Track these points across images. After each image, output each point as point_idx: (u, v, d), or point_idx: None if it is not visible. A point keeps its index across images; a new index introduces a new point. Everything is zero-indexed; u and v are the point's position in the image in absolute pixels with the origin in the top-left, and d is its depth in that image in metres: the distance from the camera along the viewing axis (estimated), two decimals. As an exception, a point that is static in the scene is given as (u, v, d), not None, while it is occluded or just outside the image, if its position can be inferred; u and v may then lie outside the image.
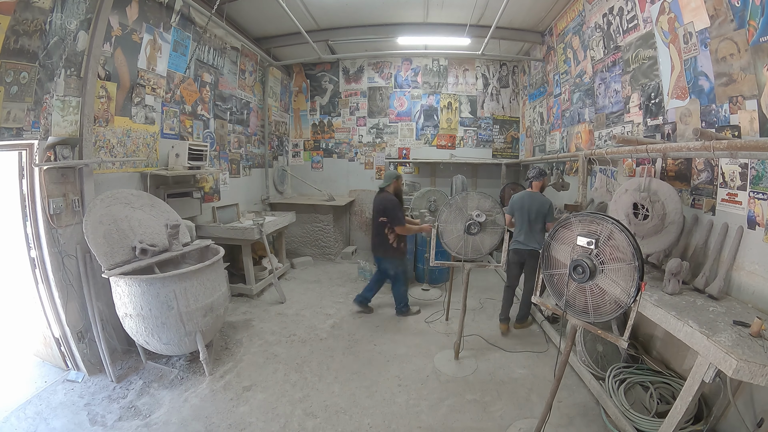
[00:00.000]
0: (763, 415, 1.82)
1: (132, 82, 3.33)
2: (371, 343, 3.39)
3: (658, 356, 2.65)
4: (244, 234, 4.22)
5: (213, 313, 2.89)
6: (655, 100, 2.96)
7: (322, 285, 4.98)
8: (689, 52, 2.54)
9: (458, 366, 3.00)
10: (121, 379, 2.77)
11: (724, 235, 2.23)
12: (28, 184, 2.58)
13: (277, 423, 2.36)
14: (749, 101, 2.07)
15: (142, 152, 3.50)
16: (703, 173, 2.45)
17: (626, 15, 3.28)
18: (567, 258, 1.78)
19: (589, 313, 1.72)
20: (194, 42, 4.10)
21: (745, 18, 2.06)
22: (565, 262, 1.79)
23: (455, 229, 2.91)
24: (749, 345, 1.51)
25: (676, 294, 2.09)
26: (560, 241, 1.84)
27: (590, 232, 1.69)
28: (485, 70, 6.63)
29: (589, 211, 2.84)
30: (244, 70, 5.38)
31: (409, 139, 6.81)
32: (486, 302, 4.38)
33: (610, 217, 1.66)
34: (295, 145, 7.18)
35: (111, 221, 2.82)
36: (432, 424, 2.37)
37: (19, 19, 2.30)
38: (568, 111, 4.63)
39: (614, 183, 3.50)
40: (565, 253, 1.81)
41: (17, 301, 2.90)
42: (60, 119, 2.68)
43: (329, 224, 6.10)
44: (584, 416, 2.41)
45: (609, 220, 1.64)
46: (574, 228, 1.77)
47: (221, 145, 4.89)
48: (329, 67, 6.80)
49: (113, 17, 3.02)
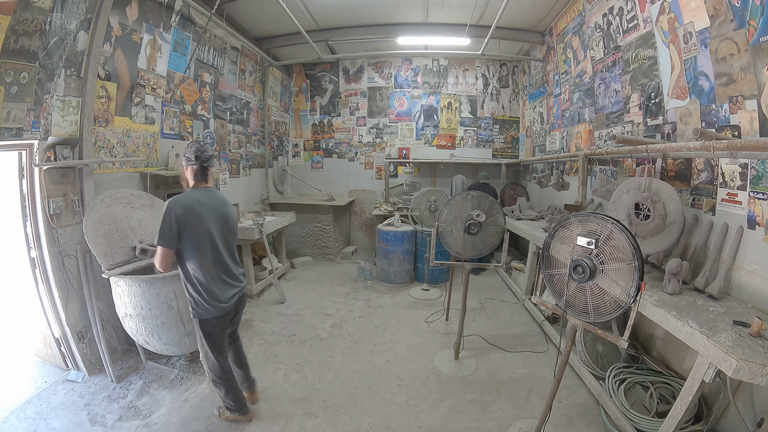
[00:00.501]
0: (763, 415, 1.82)
1: (132, 82, 3.33)
2: (371, 343, 3.39)
3: (658, 356, 2.65)
4: (244, 234, 4.22)
5: (213, 313, 2.89)
6: (655, 100, 2.96)
7: (322, 285, 4.98)
8: (689, 52, 2.54)
9: (458, 366, 3.00)
10: (121, 379, 2.77)
11: (724, 235, 2.23)
12: (28, 184, 2.58)
13: (277, 423, 2.36)
14: (749, 101, 2.07)
15: (142, 152, 3.50)
16: (703, 173, 2.45)
17: (626, 15, 3.28)
18: (567, 258, 1.78)
19: (589, 313, 1.72)
20: (194, 42, 4.10)
21: (745, 18, 2.06)
22: (565, 262, 1.79)
23: (455, 229, 2.91)
24: (749, 345, 1.51)
25: (676, 294, 2.09)
26: (560, 241, 1.84)
27: (590, 232, 1.69)
28: (485, 70, 6.63)
29: (589, 211, 2.85)
30: (244, 70, 5.38)
31: (409, 139, 6.81)
32: (486, 302, 4.38)
33: (610, 217, 1.66)
34: (295, 145, 7.18)
35: (111, 221, 2.83)
36: (432, 424, 2.37)
37: (19, 19, 2.30)
38: (568, 111, 4.63)
39: (614, 183, 3.50)
40: (565, 253, 1.81)
41: (17, 301, 2.90)
42: (60, 119, 2.68)
43: (329, 224, 6.11)
44: (584, 416, 2.41)
45: (609, 220, 1.64)
46: (574, 228, 1.77)
47: (221, 145, 4.89)
48: (329, 67, 6.80)
49: (113, 17, 3.02)
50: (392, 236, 4.86)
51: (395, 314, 4.04)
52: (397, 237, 4.86)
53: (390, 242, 4.86)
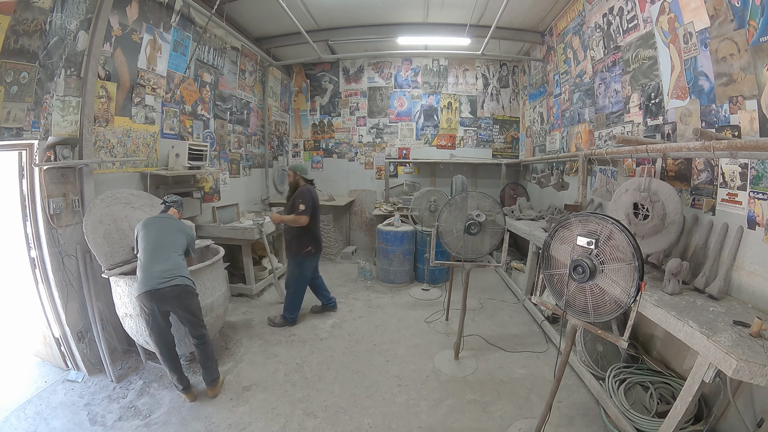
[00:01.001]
0: (763, 415, 1.82)
1: (132, 82, 3.33)
2: (371, 343, 3.39)
3: (658, 356, 2.65)
4: (244, 234, 4.22)
5: (213, 313, 2.89)
6: (655, 100, 2.96)
7: (322, 285, 4.98)
8: (689, 52, 2.54)
9: (458, 366, 3.00)
10: (121, 379, 2.77)
11: (724, 235, 2.23)
12: (28, 184, 2.58)
13: (277, 423, 2.36)
14: (749, 101, 2.07)
15: (142, 152, 3.50)
16: (703, 173, 2.45)
17: (626, 15, 3.28)
18: (567, 258, 1.78)
19: (589, 313, 1.72)
20: (194, 42, 4.10)
21: (745, 18, 2.06)
22: (565, 262, 1.79)
23: (455, 229, 2.91)
24: (749, 345, 1.51)
25: (676, 294, 2.09)
26: (560, 241, 1.84)
27: (590, 232, 1.69)
28: (485, 70, 6.63)
29: (589, 211, 2.85)
30: (244, 70, 5.38)
31: (409, 139, 6.81)
32: (486, 302, 4.38)
33: (610, 217, 1.66)
34: (295, 145, 7.18)
35: (111, 221, 2.83)
36: (432, 424, 2.37)
37: (19, 19, 2.30)
38: (568, 111, 4.63)
39: (614, 183, 3.50)
40: (565, 253, 1.81)
41: (17, 301, 2.90)
42: (60, 119, 2.68)
43: (329, 224, 6.11)
44: (584, 416, 2.41)
45: (609, 220, 1.64)
46: (574, 228, 1.77)
47: (221, 145, 4.89)
48: (329, 67, 6.80)
49: (113, 17, 3.02)
50: (392, 236, 4.87)
51: (395, 314, 4.04)
52: (397, 237, 4.86)
53: (390, 242, 4.86)
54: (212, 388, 2.60)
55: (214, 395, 2.60)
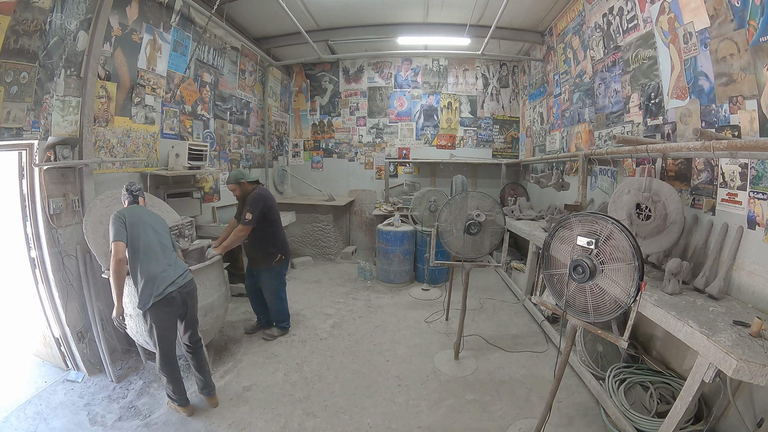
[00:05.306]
0: (763, 415, 1.82)
1: (132, 82, 3.33)
2: (371, 343, 3.39)
3: (658, 356, 2.65)
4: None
5: (213, 313, 2.89)
6: (655, 100, 2.96)
7: (322, 285, 4.98)
8: (689, 52, 2.54)
9: (458, 366, 3.00)
10: (121, 379, 2.77)
11: (724, 235, 2.23)
12: (28, 184, 2.58)
13: (277, 423, 2.36)
14: (749, 101, 2.07)
15: (142, 152, 3.50)
16: (703, 173, 2.45)
17: (626, 15, 3.28)
18: (567, 258, 1.78)
19: (589, 313, 1.72)
20: (194, 42, 4.10)
21: (745, 18, 2.06)
22: (565, 262, 1.79)
23: (455, 229, 2.91)
24: (749, 345, 1.51)
25: (676, 294, 2.09)
26: (560, 240, 1.84)
27: (590, 232, 1.69)
28: (485, 70, 6.63)
29: (589, 211, 2.85)
30: (244, 70, 5.38)
31: (409, 139, 6.81)
32: (486, 302, 4.38)
33: (610, 217, 1.66)
34: (295, 145, 7.18)
35: (111, 221, 2.82)
36: (432, 424, 2.37)
37: (19, 19, 2.30)
38: (568, 111, 4.63)
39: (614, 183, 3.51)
40: (565, 253, 1.81)
41: (17, 301, 2.90)
42: (60, 119, 2.68)
43: (329, 224, 6.11)
44: (584, 416, 2.41)
45: (609, 220, 1.64)
46: (574, 228, 1.77)
47: (221, 145, 4.89)
48: (329, 67, 6.80)
49: (113, 17, 3.02)
50: (392, 236, 4.86)
51: (395, 314, 4.04)
52: (397, 237, 4.86)
53: (390, 242, 4.86)
54: (212, 397, 2.49)
55: (215, 405, 2.49)
